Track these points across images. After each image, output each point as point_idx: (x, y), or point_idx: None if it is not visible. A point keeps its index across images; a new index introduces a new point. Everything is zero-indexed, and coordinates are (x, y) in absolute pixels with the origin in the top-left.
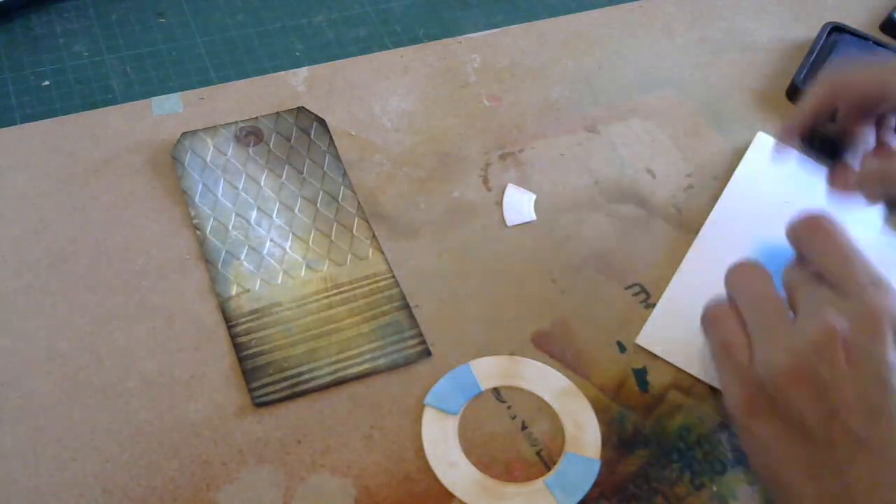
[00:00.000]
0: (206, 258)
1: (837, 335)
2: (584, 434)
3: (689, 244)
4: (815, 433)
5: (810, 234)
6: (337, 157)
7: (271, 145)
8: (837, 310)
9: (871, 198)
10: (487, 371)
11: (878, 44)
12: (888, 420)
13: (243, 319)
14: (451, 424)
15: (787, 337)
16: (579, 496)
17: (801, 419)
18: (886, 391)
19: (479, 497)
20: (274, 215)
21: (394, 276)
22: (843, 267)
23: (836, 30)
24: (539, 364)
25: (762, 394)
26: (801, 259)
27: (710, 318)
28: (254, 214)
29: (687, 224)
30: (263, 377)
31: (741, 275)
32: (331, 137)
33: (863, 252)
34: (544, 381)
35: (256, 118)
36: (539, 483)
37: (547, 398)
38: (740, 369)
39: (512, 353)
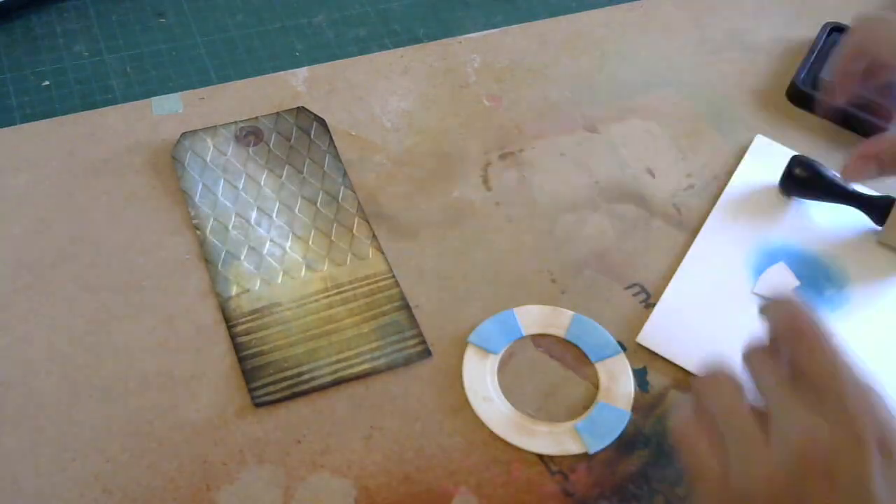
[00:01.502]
0: (206, 258)
1: (817, 454)
2: (617, 386)
3: (689, 244)
4: None
5: (789, 328)
6: (337, 157)
7: (271, 145)
8: (818, 415)
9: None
10: (530, 318)
11: None
12: None
13: (243, 319)
14: (491, 363)
15: (764, 458)
16: (605, 443)
17: None
18: None
19: (511, 432)
20: (274, 215)
21: (394, 276)
22: (824, 368)
23: (836, 30)
24: (581, 317)
25: None
26: (768, 352)
27: (682, 435)
28: (254, 214)
29: (687, 224)
30: (263, 377)
31: (713, 386)
32: (331, 137)
33: (846, 352)
34: (585, 334)
35: (256, 118)
36: (569, 426)
37: (585, 349)
38: (716, 489)
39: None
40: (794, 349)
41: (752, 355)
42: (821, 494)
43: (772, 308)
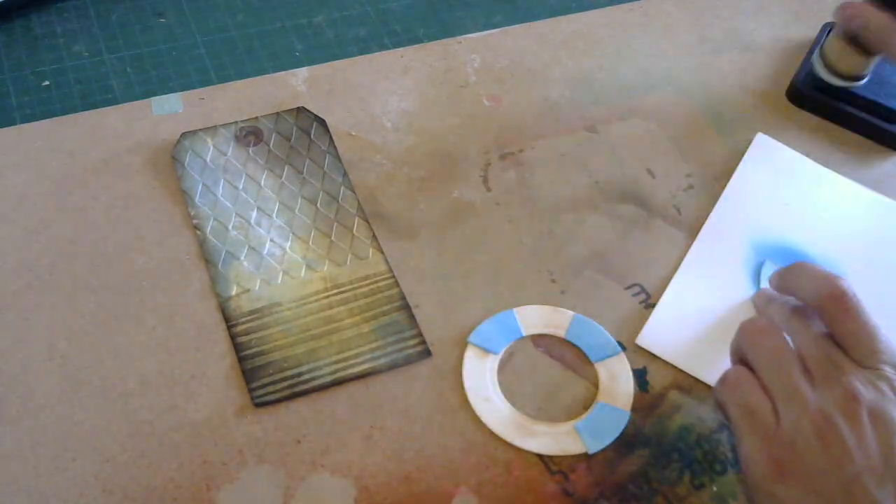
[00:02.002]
0: (206, 258)
1: (862, 400)
2: (617, 385)
3: (689, 244)
4: (838, 498)
5: (832, 305)
6: (337, 157)
7: (271, 145)
8: (860, 377)
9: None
10: (530, 318)
11: None
12: None
13: (243, 319)
14: (491, 363)
15: (812, 397)
16: (605, 443)
17: (826, 481)
18: None
19: (511, 432)
20: (274, 215)
21: (394, 276)
22: (865, 341)
23: None
24: (581, 317)
25: (790, 458)
26: (804, 314)
27: (731, 383)
28: (254, 214)
29: (687, 224)
30: (263, 377)
31: (755, 334)
32: (331, 137)
33: (882, 330)
34: (585, 334)
35: (256, 118)
36: (569, 426)
37: (584, 349)
38: (767, 433)
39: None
40: (834, 322)
41: (791, 315)
42: (864, 435)
43: (799, 274)
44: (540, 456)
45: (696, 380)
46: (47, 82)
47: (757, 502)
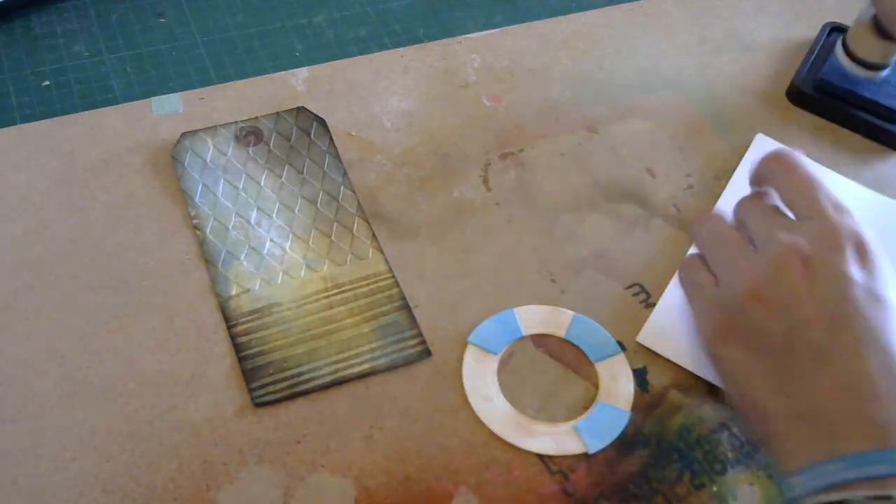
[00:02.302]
0: (206, 258)
1: (796, 252)
2: (618, 385)
3: (689, 244)
4: (779, 350)
5: (771, 165)
6: (337, 157)
7: (271, 145)
8: (796, 231)
9: None
10: (530, 318)
11: None
12: (847, 331)
13: (243, 319)
14: (491, 363)
15: (747, 262)
16: (605, 443)
17: (765, 337)
18: (845, 302)
19: (511, 432)
20: (274, 215)
21: (394, 276)
22: (803, 193)
23: (836, 30)
24: (581, 317)
25: (729, 319)
26: (752, 194)
27: (682, 268)
28: (254, 214)
29: (687, 224)
30: (263, 377)
31: (701, 223)
32: (331, 137)
33: (824, 182)
34: (585, 334)
35: (256, 118)
36: (569, 426)
37: (584, 349)
38: (709, 301)
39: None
40: (778, 181)
41: (742, 201)
42: (799, 288)
43: (764, 158)
44: (540, 456)
45: (696, 379)
46: (47, 82)
47: (713, 366)
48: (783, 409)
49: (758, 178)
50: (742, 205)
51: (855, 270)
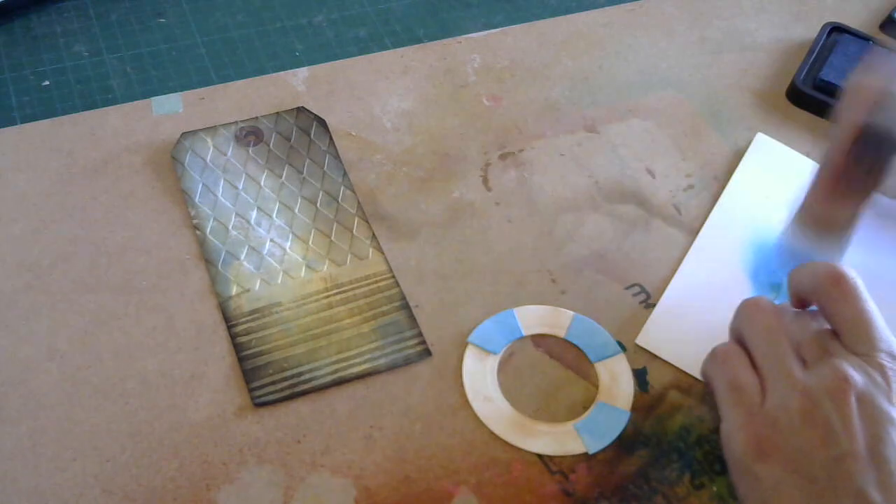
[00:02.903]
0: (206, 258)
1: (851, 385)
2: (617, 386)
3: (689, 244)
4: (820, 479)
5: (831, 289)
6: (337, 157)
7: (271, 145)
8: (853, 364)
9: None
10: (530, 318)
11: (879, 44)
12: (888, 475)
13: (243, 319)
14: (491, 363)
15: (802, 378)
16: (605, 443)
17: (809, 463)
18: (889, 446)
19: (511, 432)
20: (274, 215)
21: (394, 276)
22: (861, 328)
23: (836, 30)
24: (581, 317)
25: (772, 436)
26: (810, 315)
27: (720, 358)
28: (254, 214)
29: (687, 224)
30: (263, 377)
31: (752, 312)
32: (331, 137)
33: (881, 319)
34: (585, 334)
35: (256, 118)
36: (569, 426)
37: (584, 349)
38: (752, 410)
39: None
40: (833, 306)
41: (796, 315)
42: (851, 419)
43: (813, 270)
44: (540, 456)
45: (696, 379)
46: (47, 82)
47: (737, 480)
48: None
49: (811, 293)
50: (796, 320)
51: None
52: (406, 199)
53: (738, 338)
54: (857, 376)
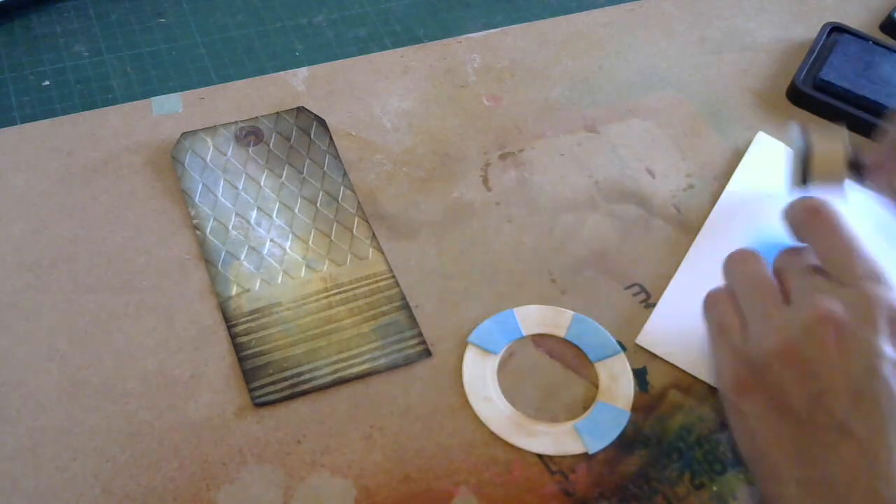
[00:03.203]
0: (206, 258)
1: (830, 319)
2: (618, 386)
3: (689, 244)
4: (801, 415)
5: (809, 221)
6: (337, 157)
7: (271, 145)
8: (833, 297)
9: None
10: (530, 318)
11: (879, 44)
12: (872, 407)
13: (243, 319)
14: (491, 363)
15: (780, 318)
16: (605, 443)
17: (788, 399)
18: (873, 378)
19: (511, 432)
20: (274, 215)
21: (394, 276)
22: (842, 257)
23: (836, 30)
24: (581, 317)
25: (753, 373)
26: (794, 247)
27: (708, 302)
28: (254, 214)
29: (687, 224)
30: (263, 377)
31: (737, 260)
32: (331, 137)
33: (863, 243)
34: (585, 334)
35: (256, 118)
36: (569, 426)
37: (584, 349)
38: (734, 349)
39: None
40: (816, 239)
41: (783, 252)
42: (829, 355)
43: (794, 205)
44: (540, 456)
45: (696, 379)
46: (47, 82)
47: (728, 415)
48: (796, 474)
49: (794, 228)
50: (783, 257)
51: (886, 346)
52: (406, 199)
53: (728, 287)
54: (837, 309)
